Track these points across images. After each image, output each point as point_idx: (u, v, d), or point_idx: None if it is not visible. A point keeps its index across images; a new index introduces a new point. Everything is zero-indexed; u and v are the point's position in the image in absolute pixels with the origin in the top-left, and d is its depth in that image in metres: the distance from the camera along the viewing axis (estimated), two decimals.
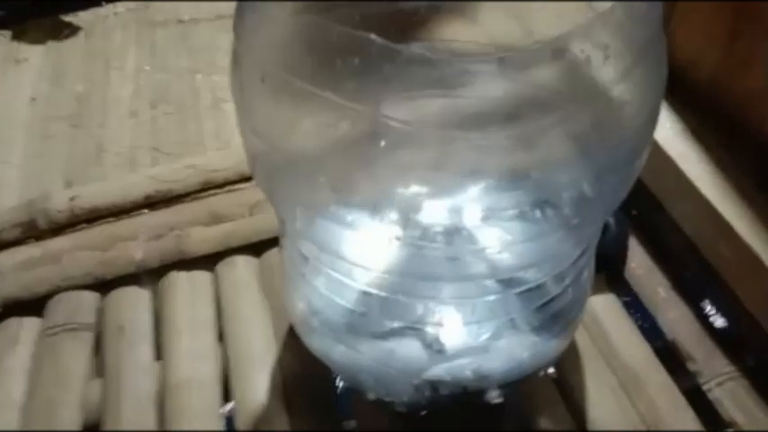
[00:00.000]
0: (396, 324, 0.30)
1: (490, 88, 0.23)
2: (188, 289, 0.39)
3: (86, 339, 0.37)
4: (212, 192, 0.45)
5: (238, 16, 0.24)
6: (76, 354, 0.37)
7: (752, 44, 0.37)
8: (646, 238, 0.41)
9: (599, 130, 0.25)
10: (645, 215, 0.42)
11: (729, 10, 0.38)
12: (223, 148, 0.49)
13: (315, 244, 0.31)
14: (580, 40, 0.22)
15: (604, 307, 0.37)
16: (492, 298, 0.30)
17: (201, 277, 0.40)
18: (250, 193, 0.44)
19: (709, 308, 0.38)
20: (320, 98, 0.23)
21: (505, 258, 0.31)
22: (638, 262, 0.40)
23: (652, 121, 0.26)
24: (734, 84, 0.39)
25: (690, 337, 0.37)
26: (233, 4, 0.25)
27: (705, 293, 0.38)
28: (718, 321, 0.37)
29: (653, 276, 0.39)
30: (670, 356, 0.36)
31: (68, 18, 0.62)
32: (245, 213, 0.43)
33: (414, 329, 0.29)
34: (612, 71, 0.23)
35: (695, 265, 0.38)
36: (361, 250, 0.30)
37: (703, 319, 0.37)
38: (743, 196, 0.37)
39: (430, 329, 0.29)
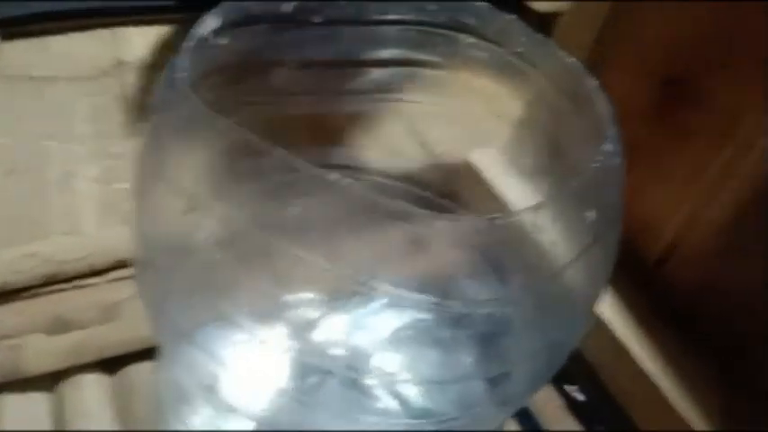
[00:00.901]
0: None
1: None
2: (21, 416, 0.33)
3: None
4: (58, 288, 0.38)
5: (161, 105, 0.20)
6: None
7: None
8: None
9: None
10: None
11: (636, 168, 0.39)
12: (72, 233, 0.42)
13: (193, 375, 0.27)
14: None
15: None
16: None
17: (39, 401, 0.34)
18: (104, 290, 0.38)
19: None
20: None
21: (418, 393, 0.28)
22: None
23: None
24: (630, 211, 0.39)
25: None
26: (92, 64, 0.22)
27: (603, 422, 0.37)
28: None
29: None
30: None
31: None
32: (98, 319, 0.36)
33: None
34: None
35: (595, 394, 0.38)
36: (249, 381, 0.26)
37: None
38: (648, 328, 0.37)
39: None
